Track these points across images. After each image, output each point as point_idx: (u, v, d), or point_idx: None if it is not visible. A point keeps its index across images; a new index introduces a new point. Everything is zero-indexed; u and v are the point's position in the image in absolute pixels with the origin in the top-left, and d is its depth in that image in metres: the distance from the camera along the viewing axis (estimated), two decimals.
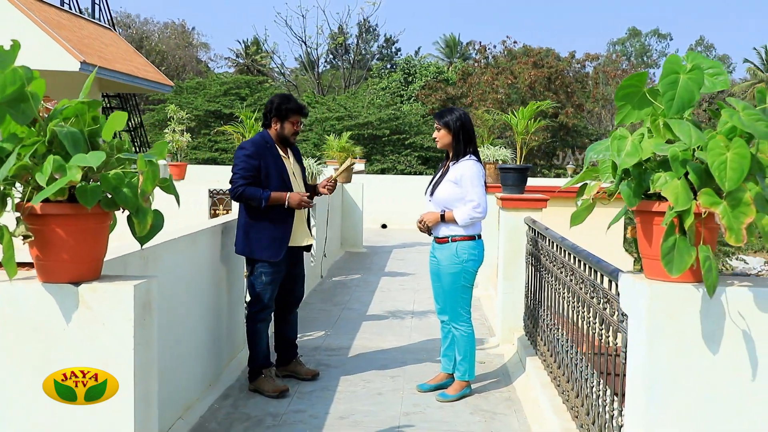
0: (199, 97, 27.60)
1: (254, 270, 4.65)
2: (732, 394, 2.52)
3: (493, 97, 24.79)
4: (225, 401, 4.54)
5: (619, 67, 31.31)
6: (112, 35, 15.82)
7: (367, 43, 39.94)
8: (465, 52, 46.57)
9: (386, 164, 24.00)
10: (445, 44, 48.34)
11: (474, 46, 32.01)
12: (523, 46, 28.85)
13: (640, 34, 61.03)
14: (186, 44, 47.70)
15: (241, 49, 46.11)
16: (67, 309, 2.53)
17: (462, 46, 47.36)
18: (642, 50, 59.65)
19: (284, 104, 4.65)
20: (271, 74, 42.55)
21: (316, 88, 34.83)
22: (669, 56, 2.50)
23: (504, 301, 5.70)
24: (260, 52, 43.78)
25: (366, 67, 38.18)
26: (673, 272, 2.34)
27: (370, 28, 38.52)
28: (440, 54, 47.30)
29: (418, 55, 42.85)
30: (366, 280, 8.74)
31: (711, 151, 2.32)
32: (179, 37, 47.24)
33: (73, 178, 2.34)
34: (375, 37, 40.71)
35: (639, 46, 60.28)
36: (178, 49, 46.11)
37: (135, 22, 46.50)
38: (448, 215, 4.40)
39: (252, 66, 43.70)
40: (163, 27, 47.86)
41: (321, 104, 26.58)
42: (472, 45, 39.73)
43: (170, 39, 46.30)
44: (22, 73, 2.39)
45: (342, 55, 37.50)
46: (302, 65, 39.76)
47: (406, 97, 28.68)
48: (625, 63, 35.04)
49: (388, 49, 42.78)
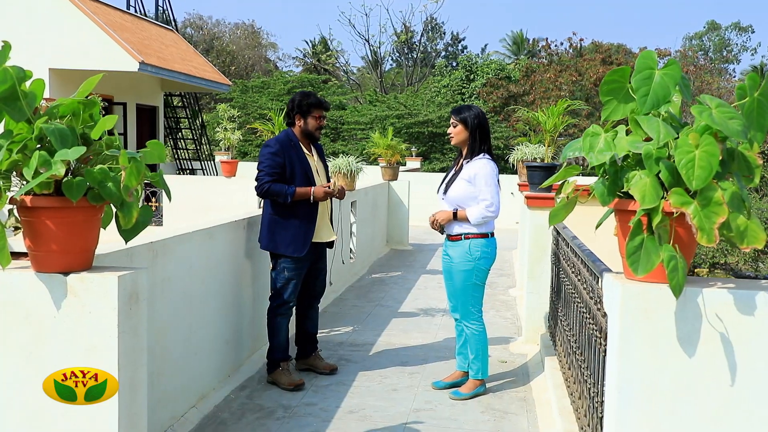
0: (263, 96, 28.14)
1: (277, 265, 4.75)
2: (708, 397, 2.45)
3: (556, 95, 24.36)
4: (241, 392, 4.65)
5: (694, 62, 30.27)
6: (173, 36, 16.30)
7: (432, 41, 39.87)
8: (532, 49, 45.96)
9: (446, 163, 23.93)
10: (512, 41, 47.73)
11: (539, 43, 31.52)
12: (592, 42, 28.24)
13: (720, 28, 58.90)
14: (255, 44, 48.68)
15: (308, 49, 46.74)
16: (57, 297, 2.66)
17: (529, 42, 46.73)
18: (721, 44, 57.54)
19: (305, 100, 4.74)
20: (336, 73, 42.98)
21: (379, 86, 34.98)
22: (642, 52, 2.45)
23: (529, 300, 5.64)
24: (326, 52, 44.27)
25: (431, 65, 38.11)
26: (639, 272, 2.30)
27: (435, 25, 38.46)
28: (507, 51, 46.73)
29: (484, 52, 42.46)
30: (405, 278, 8.77)
31: (679, 148, 2.27)
32: (249, 38, 48.25)
33: (56, 171, 2.47)
34: (440, 35, 40.61)
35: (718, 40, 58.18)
36: (247, 49, 47.10)
37: (207, 24, 47.75)
38: (460, 214, 4.40)
39: (318, 65, 44.28)
40: (234, 28, 49.01)
41: (382, 102, 26.70)
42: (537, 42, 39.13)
43: (240, 39, 47.35)
44: (13, 72, 2.52)
45: (406, 53, 37.54)
46: (367, 64, 40.05)
47: (468, 94, 28.48)
48: (701, 58, 33.80)
49: (454, 47, 42.57)
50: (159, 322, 3.78)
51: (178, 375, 4.10)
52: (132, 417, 2.77)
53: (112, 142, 2.78)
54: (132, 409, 2.78)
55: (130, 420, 2.74)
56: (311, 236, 4.75)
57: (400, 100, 26.07)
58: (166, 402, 3.91)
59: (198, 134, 18.22)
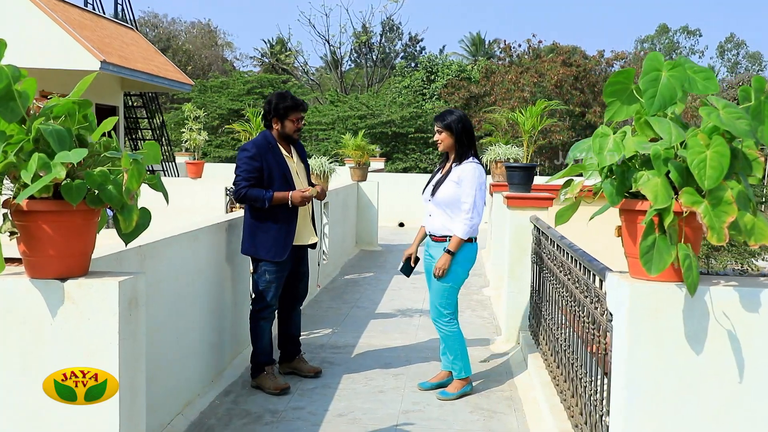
0: (222, 96, 27.81)
1: (258, 268, 4.69)
2: (715, 394, 2.49)
3: (518, 96, 24.62)
4: (226, 397, 4.58)
5: None
6: (133, 35, 16.00)
7: (391, 42, 39.92)
8: (490, 51, 46.35)
9: (408, 163, 24.00)
10: (471, 42, 48.11)
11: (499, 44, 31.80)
12: (552, 44, 28.59)
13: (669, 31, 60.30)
14: (212, 44, 48.12)
15: (266, 49, 46.38)
16: (54, 304, 2.57)
17: (487, 44, 47.14)
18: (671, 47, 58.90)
19: (281, 103, 4.67)
20: (295, 73, 42.74)
21: (340, 86, 34.89)
22: (650, 54, 2.47)
23: (509, 299, 5.67)
24: (285, 52, 43.99)
25: (390, 66, 38.15)
26: (652, 271, 2.32)
27: (394, 26, 38.52)
28: (465, 52, 47.08)
29: (442, 53, 42.69)
30: (378, 279, 8.75)
31: (691, 149, 2.29)
32: (205, 37, 47.68)
33: (57, 175, 2.38)
34: (399, 36, 40.68)
35: (668, 43, 59.54)
36: (204, 48, 46.54)
37: (162, 22, 47.04)
38: (452, 245, 4.42)
39: (276, 65, 43.95)
40: (189, 26, 48.37)
41: (343, 103, 26.63)
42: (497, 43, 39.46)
43: (197, 39, 46.76)
44: (9, 71, 2.43)
45: (366, 53, 37.52)
46: (327, 64, 39.90)
47: (429, 95, 28.61)
48: None
49: (413, 48, 42.69)
50: (149, 327, 3.68)
51: (165, 381, 4.01)
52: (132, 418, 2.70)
53: (109, 143, 2.71)
54: (132, 419, 2.71)
55: (130, 421, 2.67)
56: (291, 240, 4.70)
57: (362, 101, 26.03)
58: (153, 409, 3.82)
59: (158, 134, 17.92)
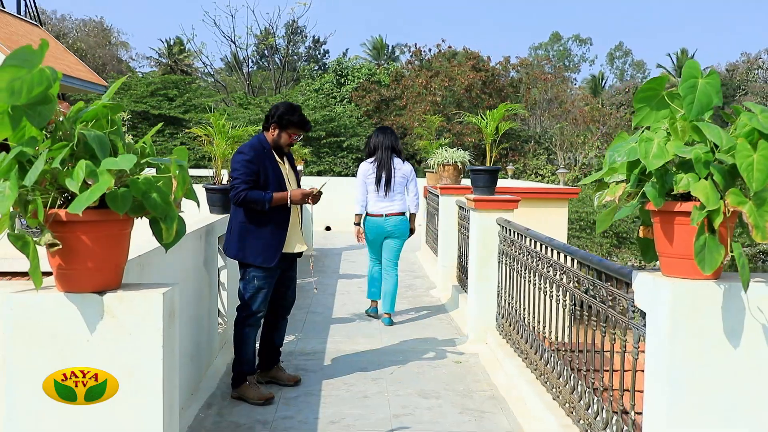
0: (125, 98, 26.76)
1: (246, 274, 4.57)
2: (753, 388, 2.63)
3: (430, 99, 25.02)
4: (209, 410, 4.43)
5: (544, 71, 32.13)
6: (40, 32, 15.18)
7: (295, 45, 39.64)
8: (392, 55, 46.88)
9: (323, 166, 23.92)
10: (372, 46, 48.51)
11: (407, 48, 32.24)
12: (463, 49, 29.25)
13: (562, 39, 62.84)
14: (105, 43, 46.23)
15: (163, 49, 45.02)
16: (91, 319, 2.43)
17: (389, 48, 47.67)
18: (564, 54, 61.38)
19: (287, 115, 4.59)
20: (197, 74, 41.70)
21: (246, 89, 34.33)
22: (688, 62, 2.60)
23: (478, 301, 5.77)
24: (184, 52, 42.85)
25: (293, 68, 37.86)
26: (706, 270, 2.44)
27: (298, 29, 38.26)
28: (368, 56, 47.41)
29: (346, 56, 42.81)
30: (324, 283, 8.68)
31: (739, 153, 2.42)
32: (98, 35, 45.75)
33: (108, 183, 2.25)
34: (303, 39, 40.45)
35: (561, 50, 62.03)
36: (97, 47, 44.64)
37: (51, 19, 44.74)
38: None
39: (176, 66, 42.73)
40: (81, 24, 46.27)
41: (254, 105, 26.24)
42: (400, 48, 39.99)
43: (89, 37, 44.78)
44: (49, 73, 2.27)
45: (270, 56, 37.08)
46: (228, 66, 39.14)
47: (339, 98, 28.61)
48: (548, 66, 35.95)
49: (316, 51, 42.57)
50: None
51: None
52: None
53: (144, 149, 2.58)
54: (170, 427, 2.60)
55: None
56: (282, 246, 4.62)
57: (273, 103, 25.71)
58: None
59: None
